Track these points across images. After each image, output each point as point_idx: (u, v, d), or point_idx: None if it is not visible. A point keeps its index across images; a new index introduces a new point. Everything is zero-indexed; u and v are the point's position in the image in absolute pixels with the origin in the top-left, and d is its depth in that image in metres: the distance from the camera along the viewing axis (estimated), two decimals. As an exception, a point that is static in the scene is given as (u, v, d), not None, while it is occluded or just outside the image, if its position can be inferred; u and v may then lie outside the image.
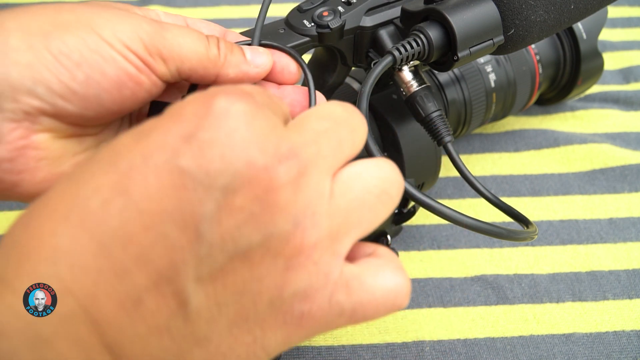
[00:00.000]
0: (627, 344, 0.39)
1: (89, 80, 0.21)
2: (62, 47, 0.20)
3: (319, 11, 0.33)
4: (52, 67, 0.20)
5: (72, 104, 0.21)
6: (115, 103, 0.22)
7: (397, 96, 0.40)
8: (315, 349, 0.38)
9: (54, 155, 0.22)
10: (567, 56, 0.50)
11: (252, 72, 0.25)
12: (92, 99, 0.21)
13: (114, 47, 0.21)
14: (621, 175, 0.49)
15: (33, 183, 0.22)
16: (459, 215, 0.28)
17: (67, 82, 0.20)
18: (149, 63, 0.22)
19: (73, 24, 0.21)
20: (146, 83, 0.22)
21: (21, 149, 0.21)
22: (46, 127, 0.21)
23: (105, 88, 0.21)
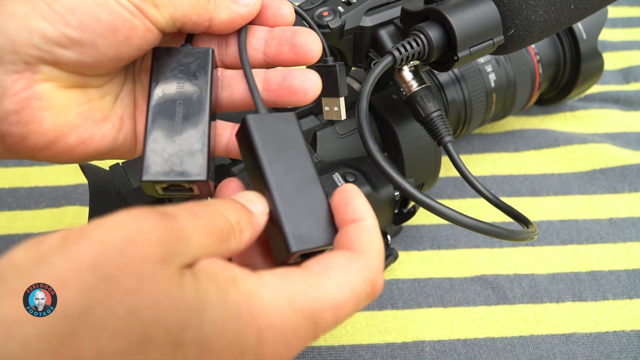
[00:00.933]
0: (627, 344, 0.39)
1: (83, 26, 0.21)
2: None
3: (319, 11, 0.33)
4: (47, 14, 0.21)
5: (69, 50, 0.21)
6: (112, 48, 0.22)
7: (397, 96, 0.40)
8: (315, 349, 0.38)
9: (58, 105, 0.22)
10: (567, 56, 0.50)
11: (243, 11, 0.26)
12: (88, 44, 0.22)
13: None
14: (621, 175, 0.49)
15: (40, 134, 0.22)
16: (459, 215, 0.28)
17: (62, 29, 0.21)
18: (142, 8, 0.22)
19: None
20: (140, 28, 0.23)
21: (25, 100, 0.21)
22: (47, 76, 0.22)
23: (100, 33, 0.22)
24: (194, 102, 0.24)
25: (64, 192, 0.47)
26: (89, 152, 0.24)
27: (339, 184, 0.37)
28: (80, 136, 0.23)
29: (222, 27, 0.25)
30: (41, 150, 0.23)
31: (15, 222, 0.45)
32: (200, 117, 0.24)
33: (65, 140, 0.23)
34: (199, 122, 0.24)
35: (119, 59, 0.23)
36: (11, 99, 0.21)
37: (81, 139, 0.24)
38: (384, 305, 0.41)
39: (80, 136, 0.23)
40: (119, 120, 0.25)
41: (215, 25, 0.25)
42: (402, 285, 0.42)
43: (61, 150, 0.23)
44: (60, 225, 0.45)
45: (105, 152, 0.25)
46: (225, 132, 0.27)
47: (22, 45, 0.21)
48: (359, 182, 0.37)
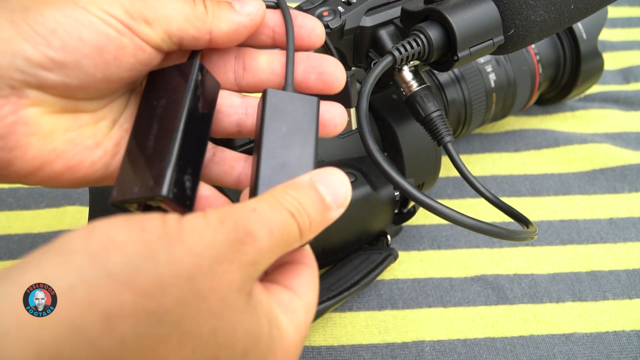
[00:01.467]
0: (627, 344, 0.39)
1: (65, 47, 0.21)
2: (38, 17, 0.21)
3: (319, 11, 0.33)
4: (29, 37, 0.20)
5: (53, 72, 0.21)
6: (99, 69, 0.22)
7: (397, 96, 0.40)
8: (315, 349, 0.38)
9: (45, 130, 0.22)
10: (567, 56, 0.50)
11: (245, 20, 0.24)
12: (72, 66, 0.21)
13: (90, 12, 0.21)
14: (621, 175, 0.49)
15: (25, 160, 0.22)
16: (459, 215, 0.28)
17: (44, 50, 0.20)
18: (131, 26, 0.22)
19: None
20: (130, 47, 0.22)
21: (11, 125, 0.21)
22: (34, 100, 0.21)
23: (85, 53, 0.21)
24: (168, 119, 0.23)
25: (63, 192, 0.47)
26: (78, 178, 0.23)
27: (339, 184, 0.37)
28: (68, 163, 0.23)
29: (224, 39, 0.24)
30: (28, 176, 0.22)
31: (15, 222, 0.45)
32: (171, 132, 0.23)
33: (51, 166, 0.22)
34: (169, 138, 0.23)
35: (110, 81, 0.22)
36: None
37: (68, 166, 0.23)
38: (384, 305, 0.41)
39: (67, 163, 0.23)
40: (113, 146, 0.24)
41: (217, 39, 0.24)
42: (402, 285, 0.42)
43: (48, 176, 0.23)
44: (60, 225, 0.45)
45: (97, 179, 0.24)
46: (237, 165, 0.26)
47: (6, 69, 0.20)
48: (359, 182, 0.37)
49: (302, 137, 0.23)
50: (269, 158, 0.23)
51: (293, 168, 0.23)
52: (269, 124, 0.23)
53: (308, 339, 0.39)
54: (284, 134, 0.23)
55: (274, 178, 0.22)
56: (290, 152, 0.23)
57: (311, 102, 0.24)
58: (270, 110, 0.23)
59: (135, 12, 0.22)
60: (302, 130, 0.23)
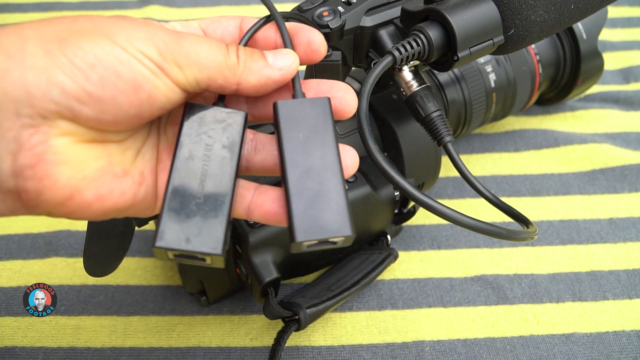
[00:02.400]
0: (627, 344, 0.39)
1: (103, 82, 0.21)
2: (77, 50, 0.21)
3: (319, 11, 0.33)
4: (67, 69, 0.20)
5: (88, 106, 0.21)
6: (133, 106, 0.22)
7: (397, 96, 0.40)
8: (315, 349, 0.38)
9: (75, 159, 0.22)
10: (567, 56, 0.50)
11: (275, 75, 0.25)
12: (109, 101, 0.21)
13: (127, 50, 0.21)
14: (621, 175, 0.49)
15: (55, 189, 0.21)
16: (459, 215, 0.28)
17: (82, 84, 0.21)
18: (164, 68, 0.22)
19: (89, 30, 0.21)
20: (162, 87, 0.22)
21: (41, 154, 0.21)
22: (65, 130, 0.21)
23: (121, 90, 0.21)
24: (220, 169, 0.23)
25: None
26: (108, 208, 0.23)
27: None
28: (98, 191, 0.22)
29: (252, 91, 0.24)
30: (57, 206, 0.22)
31: (15, 222, 0.45)
32: (224, 185, 0.23)
33: (82, 195, 0.22)
34: (223, 191, 0.23)
35: (141, 117, 0.23)
36: (26, 154, 0.20)
37: (99, 195, 0.22)
38: (384, 305, 0.41)
39: (98, 191, 0.22)
40: (139, 176, 0.24)
41: (244, 90, 0.24)
42: (402, 285, 0.42)
43: (78, 206, 0.22)
44: (60, 225, 0.45)
45: (124, 209, 0.24)
46: (248, 193, 0.25)
47: (40, 99, 0.20)
48: (359, 182, 0.37)
49: (321, 138, 0.24)
50: (294, 167, 0.23)
51: (319, 171, 0.23)
52: (285, 134, 0.23)
53: (308, 338, 0.39)
54: (302, 141, 0.23)
55: (304, 186, 0.23)
56: (313, 156, 0.23)
57: (322, 103, 0.24)
58: (284, 120, 0.24)
59: (169, 54, 0.22)
60: (319, 132, 0.24)
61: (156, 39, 0.22)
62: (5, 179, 0.21)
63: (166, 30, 0.23)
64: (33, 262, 0.42)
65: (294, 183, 0.22)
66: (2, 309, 0.40)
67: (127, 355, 0.38)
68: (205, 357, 0.38)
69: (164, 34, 0.22)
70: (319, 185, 0.23)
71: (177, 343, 0.38)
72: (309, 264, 0.40)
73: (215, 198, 0.23)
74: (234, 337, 0.39)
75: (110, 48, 0.21)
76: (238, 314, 0.40)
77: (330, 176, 0.23)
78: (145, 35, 0.22)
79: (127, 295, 0.41)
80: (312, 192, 0.22)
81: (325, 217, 0.22)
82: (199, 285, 0.38)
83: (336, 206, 0.22)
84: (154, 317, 0.40)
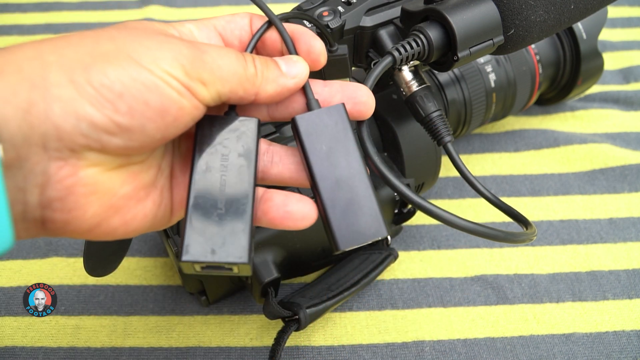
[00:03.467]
0: (627, 344, 0.39)
1: (132, 112, 0.20)
2: (103, 79, 0.20)
3: (319, 11, 0.33)
4: (94, 100, 0.20)
5: (117, 137, 0.20)
6: (160, 131, 0.22)
7: (397, 96, 0.40)
8: (315, 348, 0.38)
9: (104, 189, 0.21)
10: (567, 56, 0.50)
11: (290, 84, 0.25)
12: (137, 130, 0.21)
13: (154, 73, 0.21)
14: (621, 175, 0.49)
15: (84, 220, 0.21)
16: (456, 218, 0.28)
17: (111, 116, 0.20)
18: (190, 87, 0.22)
19: (113, 54, 0.21)
20: (188, 107, 0.22)
21: (70, 187, 0.20)
22: (93, 162, 0.21)
23: (149, 117, 0.21)
24: (238, 177, 0.23)
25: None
26: (131, 231, 0.23)
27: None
28: (124, 217, 0.23)
29: (268, 100, 0.25)
30: (84, 233, 0.22)
31: (15, 222, 0.45)
32: (244, 193, 0.23)
33: (108, 223, 0.22)
34: (243, 199, 0.23)
35: (166, 138, 0.22)
36: (55, 186, 0.20)
37: (124, 220, 0.23)
38: (384, 305, 0.41)
39: (123, 217, 0.22)
40: (159, 195, 0.24)
41: (261, 99, 0.24)
42: (402, 285, 0.42)
43: (104, 233, 0.22)
44: (60, 225, 0.45)
45: (144, 229, 0.24)
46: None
47: (68, 133, 0.19)
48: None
49: (344, 147, 0.24)
50: (324, 180, 0.24)
51: (347, 180, 0.24)
52: (309, 149, 0.24)
53: (308, 338, 0.39)
54: (326, 153, 0.24)
55: (336, 197, 0.23)
56: (339, 166, 0.24)
57: (338, 110, 0.25)
58: (305, 135, 0.24)
59: (194, 72, 0.22)
60: (341, 140, 0.24)
61: (181, 58, 0.22)
62: (32, 210, 0.20)
63: (187, 45, 0.22)
64: (33, 262, 0.42)
65: (327, 195, 0.23)
66: (2, 309, 0.40)
67: (127, 355, 0.38)
68: (205, 357, 0.38)
69: (187, 50, 0.22)
70: (350, 193, 0.23)
71: (177, 343, 0.39)
72: (309, 264, 0.40)
73: (236, 207, 0.23)
74: (234, 337, 0.39)
75: (137, 73, 0.20)
76: (238, 314, 0.40)
77: (358, 183, 0.24)
78: (171, 54, 0.21)
79: (127, 295, 0.41)
80: (345, 201, 0.23)
81: (361, 223, 0.23)
82: (198, 285, 0.38)
83: (369, 211, 0.23)
84: (154, 317, 0.40)
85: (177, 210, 0.25)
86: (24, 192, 0.20)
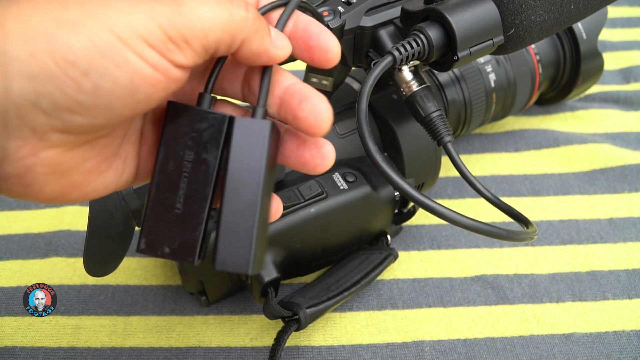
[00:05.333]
0: (627, 344, 0.39)
1: (97, 90, 0.19)
2: (68, 53, 0.18)
3: (319, 11, 0.33)
4: (56, 78, 0.18)
5: (81, 115, 0.19)
6: (128, 109, 0.20)
7: (397, 96, 0.40)
8: (315, 348, 0.38)
9: (64, 168, 0.21)
10: (567, 56, 0.50)
11: (272, 52, 0.23)
12: (102, 108, 0.19)
13: (128, 44, 0.19)
14: (621, 175, 0.49)
15: (42, 194, 0.21)
16: (458, 216, 0.28)
17: (74, 95, 0.19)
18: (169, 55, 0.20)
19: (81, 20, 0.19)
20: (163, 82, 0.20)
21: (30, 167, 0.19)
22: (55, 143, 0.20)
23: (117, 96, 0.19)
24: (198, 178, 0.23)
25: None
26: (89, 197, 0.23)
27: (339, 184, 0.37)
28: (83, 191, 0.22)
29: (244, 57, 0.22)
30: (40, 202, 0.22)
31: (15, 222, 0.45)
32: (203, 195, 0.23)
33: (66, 197, 0.22)
34: (201, 201, 0.23)
35: (135, 115, 0.21)
36: (13, 164, 0.19)
37: (83, 193, 0.22)
38: (384, 305, 0.41)
39: (82, 191, 0.22)
40: (122, 164, 0.23)
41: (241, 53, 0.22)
42: (402, 285, 0.42)
43: (61, 202, 0.22)
44: (60, 225, 0.45)
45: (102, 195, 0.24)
46: None
47: (29, 112, 0.18)
48: (359, 182, 0.37)
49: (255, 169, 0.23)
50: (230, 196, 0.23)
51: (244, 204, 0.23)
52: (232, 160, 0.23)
53: (308, 338, 0.39)
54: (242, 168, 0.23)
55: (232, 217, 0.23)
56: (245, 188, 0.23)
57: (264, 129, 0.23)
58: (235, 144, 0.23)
59: (175, 31, 0.20)
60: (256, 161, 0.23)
61: (158, 17, 0.19)
62: None
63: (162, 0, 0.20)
64: (33, 262, 0.42)
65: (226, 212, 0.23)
66: (2, 309, 0.40)
67: (127, 355, 0.38)
68: (205, 357, 0.38)
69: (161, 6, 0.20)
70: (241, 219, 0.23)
71: (177, 343, 0.38)
72: (309, 264, 0.40)
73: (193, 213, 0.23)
74: (234, 337, 0.39)
75: (106, 46, 0.19)
76: (238, 314, 0.40)
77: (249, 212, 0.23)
78: (147, 15, 0.19)
79: (127, 295, 0.41)
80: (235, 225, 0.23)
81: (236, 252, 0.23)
82: (199, 285, 0.38)
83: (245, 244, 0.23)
84: (154, 317, 0.40)
85: (142, 175, 0.24)
86: None
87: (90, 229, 0.33)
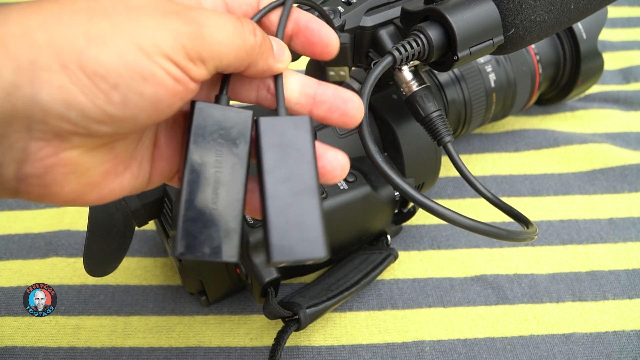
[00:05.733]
0: (627, 344, 0.39)
1: (126, 102, 0.20)
2: (98, 67, 0.19)
3: (319, 11, 0.33)
4: (87, 89, 0.19)
5: (107, 125, 0.20)
6: (150, 118, 0.21)
7: (397, 96, 0.40)
8: (315, 348, 0.38)
9: (84, 168, 0.21)
10: (567, 56, 0.50)
11: (275, 68, 0.24)
12: (128, 119, 0.20)
13: (153, 60, 0.20)
14: (621, 175, 0.49)
15: (60, 195, 0.21)
16: (458, 216, 0.28)
17: (104, 106, 0.19)
18: (189, 70, 0.21)
19: (109, 35, 0.19)
20: (182, 93, 0.21)
21: (50, 167, 0.20)
22: (76, 144, 0.20)
23: (142, 107, 0.20)
24: (230, 174, 0.23)
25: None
26: (105, 201, 0.23)
27: (339, 184, 0.37)
28: (100, 192, 0.22)
29: (254, 74, 0.24)
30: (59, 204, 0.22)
31: (15, 222, 0.45)
32: (236, 191, 0.23)
33: (84, 198, 0.22)
34: (235, 198, 0.23)
35: (155, 123, 0.22)
36: (34, 164, 0.20)
37: (101, 195, 0.23)
38: (384, 305, 0.41)
39: (100, 193, 0.22)
40: (137, 167, 0.24)
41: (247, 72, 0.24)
42: (402, 285, 0.42)
43: (79, 204, 0.22)
44: (60, 225, 0.45)
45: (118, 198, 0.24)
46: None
47: (55, 118, 0.19)
48: (359, 182, 0.37)
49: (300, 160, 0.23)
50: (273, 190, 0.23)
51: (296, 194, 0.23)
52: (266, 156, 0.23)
53: (308, 338, 0.39)
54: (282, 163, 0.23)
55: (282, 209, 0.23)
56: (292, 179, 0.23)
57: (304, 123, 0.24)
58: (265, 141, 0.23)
59: (194, 52, 0.21)
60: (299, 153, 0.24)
61: (182, 38, 0.20)
62: (7, 182, 0.20)
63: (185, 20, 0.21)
64: (33, 262, 0.42)
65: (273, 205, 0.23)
66: (2, 309, 0.40)
67: (127, 355, 0.38)
68: (205, 357, 0.38)
69: (185, 27, 0.21)
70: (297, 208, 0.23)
71: (177, 343, 0.38)
72: (309, 264, 0.40)
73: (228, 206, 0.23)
74: (234, 337, 0.39)
75: (135, 61, 0.19)
76: (238, 313, 0.40)
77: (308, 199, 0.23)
78: (171, 35, 0.20)
79: (127, 295, 0.41)
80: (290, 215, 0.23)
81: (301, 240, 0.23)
82: (198, 285, 0.38)
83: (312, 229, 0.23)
84: (154, 317, 0.40)
85: (155, 179, 0.25)
86: (1, 165, 0.20)
87: (90, 229, 0.33)
